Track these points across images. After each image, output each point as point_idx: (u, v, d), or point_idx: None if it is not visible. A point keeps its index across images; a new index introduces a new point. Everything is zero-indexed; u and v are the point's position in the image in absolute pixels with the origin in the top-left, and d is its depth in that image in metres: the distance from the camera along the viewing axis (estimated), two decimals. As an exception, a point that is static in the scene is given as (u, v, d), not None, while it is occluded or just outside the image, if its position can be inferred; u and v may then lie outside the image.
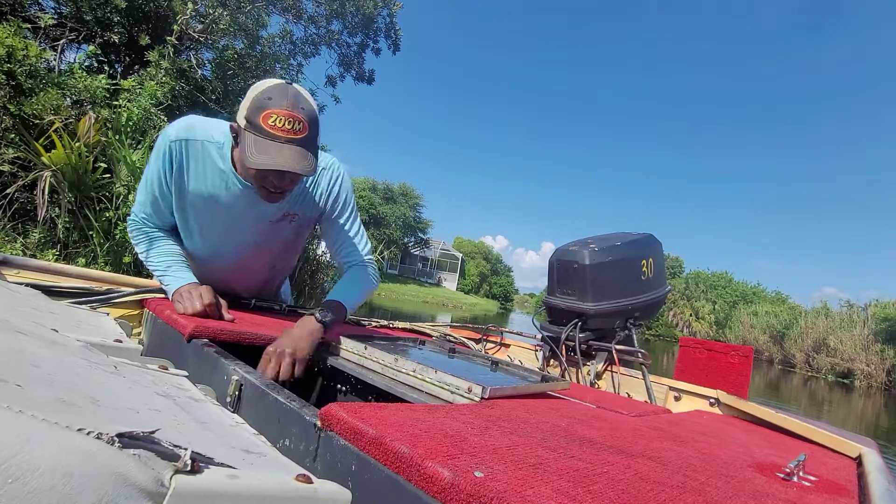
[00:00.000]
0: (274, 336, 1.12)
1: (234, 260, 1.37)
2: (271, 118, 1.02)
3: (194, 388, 0.69)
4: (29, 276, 1.27)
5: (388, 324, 1.95)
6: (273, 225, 1.30)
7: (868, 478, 0.81)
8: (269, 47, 7.15)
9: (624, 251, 1.91)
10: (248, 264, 1.41)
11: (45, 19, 4.67)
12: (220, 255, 1.35)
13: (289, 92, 1.05)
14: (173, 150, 1.18)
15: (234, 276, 1.41)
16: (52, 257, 3.84)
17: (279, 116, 1.02)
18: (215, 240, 1.32)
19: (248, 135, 1.04)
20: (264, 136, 1.03)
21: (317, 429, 0.61)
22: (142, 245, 1.30)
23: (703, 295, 37.40)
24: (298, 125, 1.04)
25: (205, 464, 0.36)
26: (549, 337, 1.93)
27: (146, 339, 1.27)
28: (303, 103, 1.06)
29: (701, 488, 0.59)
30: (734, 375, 1.53)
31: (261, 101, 1.03)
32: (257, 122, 1.02)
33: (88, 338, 0.72)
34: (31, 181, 3.90)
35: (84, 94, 4.38)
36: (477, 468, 0.48)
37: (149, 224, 1.30)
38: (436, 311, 24.75)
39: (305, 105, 1.06)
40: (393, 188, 38.75)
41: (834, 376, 20.42)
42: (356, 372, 1.00)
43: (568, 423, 0.81)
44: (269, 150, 1.02)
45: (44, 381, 0.40)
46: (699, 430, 1.02)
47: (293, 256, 1.55)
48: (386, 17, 8.52)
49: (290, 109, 1.03)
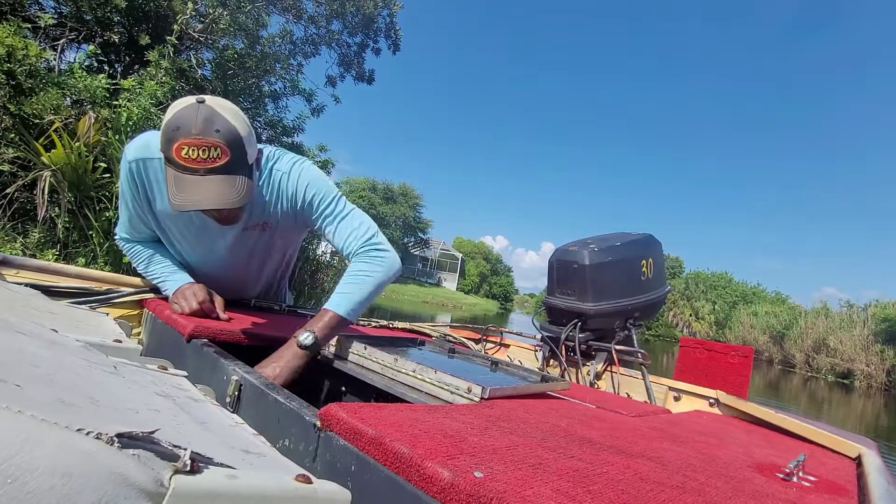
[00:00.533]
0: (274, 336, 1.12)
1: (222, 271, 1.35)
2: (183, 150, 0.92)
3: (194, 389, 0.69)
4: (28, 276, 1.26)
5: (388, 324, 1.95)
6: (246, 233, 1.25)
7: (868, 478, 0.81)
8: (269, 47, 7.15)
9: (624, 251, 1.91)
10: (239, 274, 1.39)
11: (45, 19, 4.67)
12: (208, 266, 1.34)
13: (198, 115, 0.93)
14: (133, 171, 1.15)
15: (228, 284, 1.40)
16: (51, 257, 3.84)
17: (190, 147, 0.92)
18: (199, 255, 1.31)
19: (169, 170, 0.96)
20: (181, 170, 0.94)
21: (316, 429, 0.61)
22: (137, 260, 1.31)
23: (703, 295, 37.42)
24: (215, 151, 0.93)
25: (204, 464, 0.36)
26: (549, 337, 1.93)
27: (146, 339, 1.27)
28: (217, 124, 0.94)
29: (701, 488, 0.59)
30: (734, 376, 1.53)
31: (170, 133, 0.93)
32: (171, 156, 0.93)
33: (88, 338, 0.72)
34: (31, 181, 3.89)
35: (84, 94, 4.38)
36: (477, 468, 0.48)
37: (136, 240, 1.30)
38: (436, 312, 24.75)
39: (221, 125, 0.94)
40: (393, 188, 38.77)
41: (834, 376, 20.42)
42: (356, 372, 1.00)
43: (568, 424, 0.81)
44: (188, 186, 0.93)
45: (43, 382, 0.40)
46: (699, 431, 1.02)
47: (284, 260, 1.52)
48: (386, 17, 8.52)
49: (201, 136, 0.92)
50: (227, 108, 0.98)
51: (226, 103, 0.99)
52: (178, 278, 1.25)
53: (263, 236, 1.28)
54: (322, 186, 1.21)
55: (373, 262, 1.15)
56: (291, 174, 1.20)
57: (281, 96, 7.43)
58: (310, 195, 1.20)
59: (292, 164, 1.22)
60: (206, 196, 0.94)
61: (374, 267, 1.15)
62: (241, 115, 1.01)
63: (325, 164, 7.32)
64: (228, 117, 0.97)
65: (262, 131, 7.01)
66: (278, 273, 1.55)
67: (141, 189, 1.18)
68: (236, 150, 0.97)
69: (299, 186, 1.20)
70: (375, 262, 1.16)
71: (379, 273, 1.15)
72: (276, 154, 1.23)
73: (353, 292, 1.11)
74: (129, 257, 1.32)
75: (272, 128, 7.06)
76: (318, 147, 7.44)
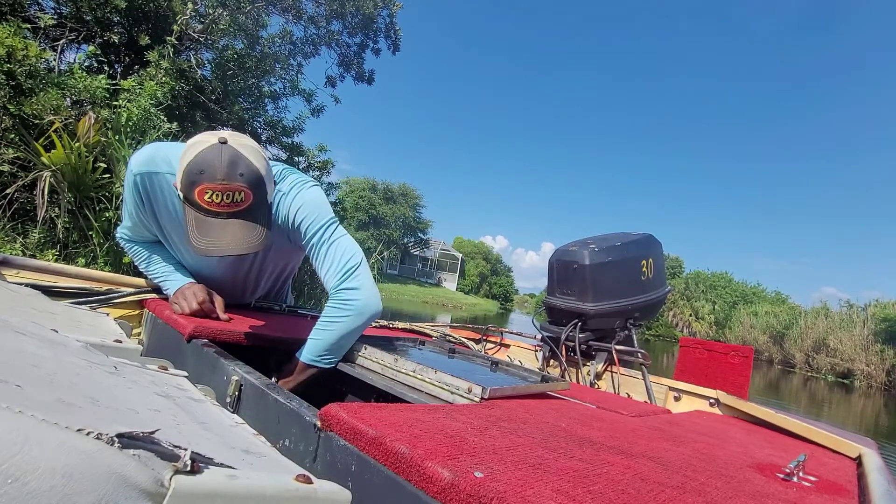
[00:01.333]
0: (274, 336, 1.12)
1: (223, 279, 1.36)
2: (206, 194, 0.91)
3: (194, 389, 0.69)
4: (29, 277, 1.27)
5: (388, 324, 1.95)
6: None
7: (868, 478, 0.81)
8: (268, 47, 7.16)
9: (624, 251, 1.91)
10: (238, 282, 1.40)
11: (44, 19, 4.67)
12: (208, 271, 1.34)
13: (223, 159, 0.92)
14: (138, 183, 1.15)
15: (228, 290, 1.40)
16: (51, 257, 3.84)
17: (214, 192, 0.91)
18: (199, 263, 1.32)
19: (188, 210, 0.95)
20: (203, 213, 0.93)
21: (317, 429, 0.61)
22: (138, 258, 1.32)
23: (703, 295, 37.41)
24: (239, 196, 0.93)
25: (204, 464, 0.36)
26: (549, 337, 1.93)
27: (146, 339, 1.27)
28: (241, 168, 0.93)
29: (701, 489, 0.59)
30: (734, 376, 1.53)
31: (193, 176, 0.91)
32: (193, 198, 0.92)
33: (88, 338, 0.72)
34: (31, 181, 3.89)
35: (84, 95, 4.38)
36: (477, 468, 0.48)
37: (138, 239, 1.32)
38: (436, 312, 24.75)
39: (245, 169, 0.93)
40: (393, 188, 38.75)
41: (834, 376, 20.42)
42: (356, 372, 1.00)
43: (568, 424, 0.81)
44: (211, 230, 0.93)
45: (44, 382, 0.40)
46: (699, 431, 1.02)
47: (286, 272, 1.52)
48: (386, 18, 8.52)
49: (227, 181, 0.91)
50: (248, 148, 0.97)
51: (247, 141, 0.98)
52: (179, 278, 1.26)
53: (260, 254, 1.29)
54: (314, 212, 1.16)
55: (340, 307, 1.06)
56: (289, 196, 1.17)
57: (281, 96, 7.42)
58: (299, 219, 1.15)
59: (292, 185, 1.18)
60: (229, 242, 0.93)
61: (340, 312, 1.06)
62: (262, 153, 1.00)
63: (325, 164, 7.32)
64: (252, 159, 0.96)
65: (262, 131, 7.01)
66: (278, 282, 1.55)
67: (146, 201, 1.18)
68: (259, 192, 0.96)
69: (292, 209, 1.16)
70: (342, 307, 1.06)
71: (345, 319, 1.05)
72: (282, 173, 1.21)
73: (319, 338, 1.05)
74: (130, 255, 1.34)
75: (272, 128, 7.06)
76: (318, 147, 7.44)
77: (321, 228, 1.14)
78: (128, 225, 1.28)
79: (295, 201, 1.16)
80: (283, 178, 1.20)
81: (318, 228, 1.14)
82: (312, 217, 1.15)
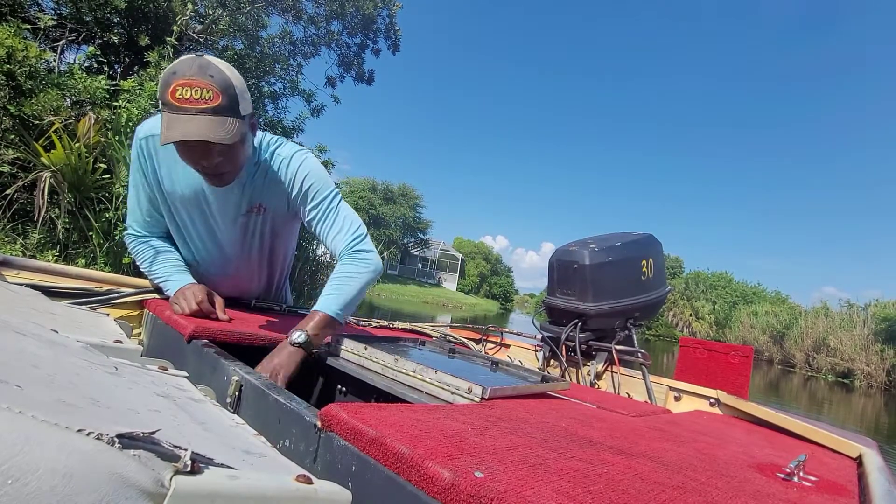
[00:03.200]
0: (274, 336, 1.12)
1: (225, 263, 1.36)
2: (178, 91, 0.97)
3: (194, 389, 0.69)
4: (29, 277, 1.27)
5: (388, 324, 1.95)
6: (246, 218, 1.28)
7: (868, 478, 0.81)
8: (268, 48, 7.16)
9: (624, 251, 1.91)
10: (241, 268, 1.40)
11: (44, 20, 4.68)
12: (211, 258, 1.35)
13: (195, 62, 0.99)
14: (143, 147, 1.19)
15: (231, 281, 1.40)
16: (51, 258, 3.84)
17: (185, 87, 0.97)
18: (205, 241, 1.32)
19: (163, 115, 1.00)
20: (174, 111, 0.98)
21: (317, 429, 0.61)
22: (142, 258, 1.31)
23: (703, 295, 37.40)
24: (208, 93, 0.98)
25: (205, 464, 0.36)
26: (549, 337, 1.93)
27: (146, 339, 1.27)
28: (212, 71, 0.99)
29: (701, 489, 0.59)
30: (734, 375, 1.53)
31: (167, 77, 0.98)
32: (166, 98, 0.98)
33: (88, 338, 0.72)
34: (31, 182, 3.90)
35: (84, 95, 4.38)
36: (477, 468, 0.48)
37: (145, 234, 1.31)
38: (436, 312, 24.75)
39: (215, 72, 1.00)
40: (393, 188, 38.76)
41: (834, 376, 20.41)
42: (356, 372, 1.00)
43: (568, 424, 0.81)
44: (178, 123, 0.97)
45: (44, 382, 0.40)
46: (699, 431, 1.02)
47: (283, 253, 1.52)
48: (385, 18, 8.53)
49: (196, 78, 0.97)
50: (223, 63, 1.03)
51: (224, 62, 1.05)
52: (180, 279, 1.26)
53: (260, 220, 1.31)
54: (319, 180, 1.23)
55: (359, 264, 1.18)
56: (293, 161, 1.23)
57: (280, 97, 7.43)
58: (306, 185, 1.22)
59: (294, 151, 1.24)
60: (191, 130, 0.97)
61: (360, 268, 1.18)
62: (238, 74, 1.06)
63: (325, 164, 7.32)
64: (224, 68, 1.02)
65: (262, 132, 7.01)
66: (278, 273, 1.55)
67: (150, 165, 1.21)
68: (228, 95, 1.01)
69: (298, 174, 1.22)
70: (361, 264, 1.18)
71: (365, 275, 1.17)
72: (279, 140, 1.27)
73: (341, 293, 1.14)
74: (134, 255, 1.33)
75: (272, 128, 7.06)
76: (318, 147, 7.44)
77: (328, 196, 1.23)
78: (135, 208, 1.28)
79: (301, 167, 1.23)
80: (281, 143, 1.26)
81: (325, 196, 1.23)
82: (319, 185, 1.23)
